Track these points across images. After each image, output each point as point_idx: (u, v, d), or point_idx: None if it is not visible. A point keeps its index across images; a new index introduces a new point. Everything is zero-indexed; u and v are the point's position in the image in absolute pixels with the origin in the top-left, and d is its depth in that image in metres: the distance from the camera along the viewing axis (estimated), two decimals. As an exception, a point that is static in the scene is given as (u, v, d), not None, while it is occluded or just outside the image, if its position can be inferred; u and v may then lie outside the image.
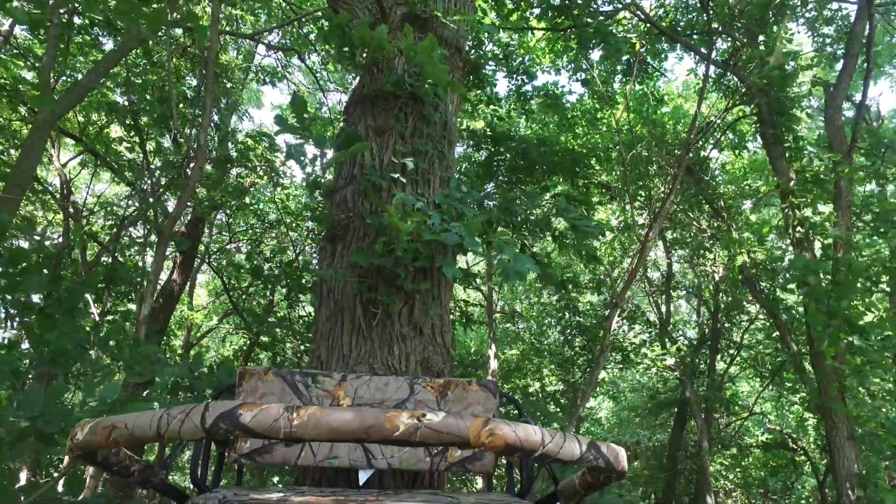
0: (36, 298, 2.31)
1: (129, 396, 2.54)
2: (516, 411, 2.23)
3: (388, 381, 2.05)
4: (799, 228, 5.11)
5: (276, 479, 5.98)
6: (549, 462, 1.22)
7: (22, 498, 2.23)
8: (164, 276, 8.23)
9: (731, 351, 10.19)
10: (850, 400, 5.05)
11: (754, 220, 6.76)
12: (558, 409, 8.52)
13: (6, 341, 2.01)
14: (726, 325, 10.40)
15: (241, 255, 8.57)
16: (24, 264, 2.01)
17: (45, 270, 2.25)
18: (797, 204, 5.07)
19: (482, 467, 2.03)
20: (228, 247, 9.16)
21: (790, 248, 5.44)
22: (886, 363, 4.49)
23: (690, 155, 5.91)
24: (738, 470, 11.81)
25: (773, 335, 9.03)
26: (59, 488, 2.45)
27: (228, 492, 1.70)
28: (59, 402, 1.74)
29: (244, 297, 8.55)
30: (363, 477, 2.06)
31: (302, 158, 2.55)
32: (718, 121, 6.62)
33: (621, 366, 9.27)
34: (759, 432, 12.19)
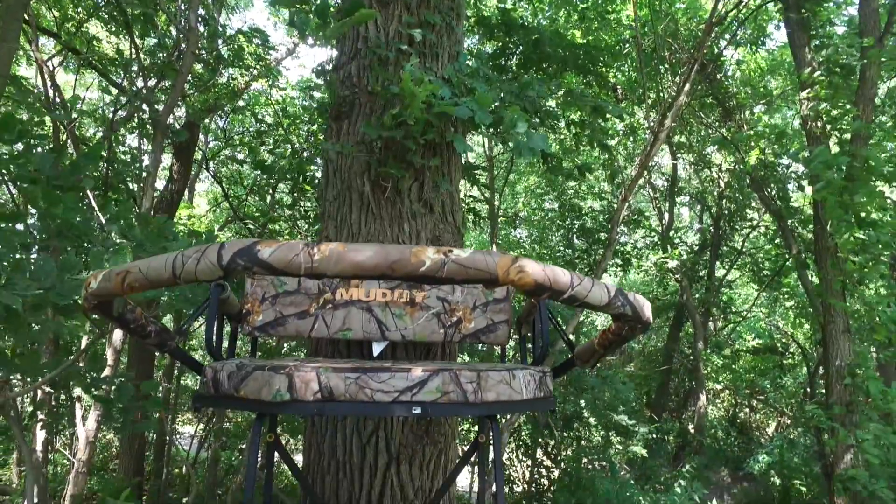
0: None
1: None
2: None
3: (400, 254, 2.02)
4: (817, 123, 4.94)
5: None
6: (577, 306, 1.19)
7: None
8: (160, 185, 8.09)
9: (732, 257, 10.30)
10: (850, 299, 5.13)
11: (766, 120, 6.54)
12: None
13: (10, 211, 1.94)
14: (728, 231, 10.45)
15: (240, 153, 8.37)
16: (22, 134, 1.91)
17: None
18: (818, 96, 4.87)
19: (496, 339, 2.03)
20: (226, 152, 8.95)
21: (805, 146, 5.28)
22: (885, 268, 4.51)
23: (708, 47, 5.59)
24: (727, 373, 12.32)
25: (776, 240, 9.09)
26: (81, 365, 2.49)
27: (245, 359, 1.70)
28: (72, 275, 1.71)
29: (244, 203, 8.46)
30: (377, 349, 2.07)
31: (305, 27, 2.37)
32: (737, 11, 6.22)
33: (622, 270, 9.37)
34: (750, 337, 12.59)
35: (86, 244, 1.94)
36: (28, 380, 2.36)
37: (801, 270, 6.09)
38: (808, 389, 8.48)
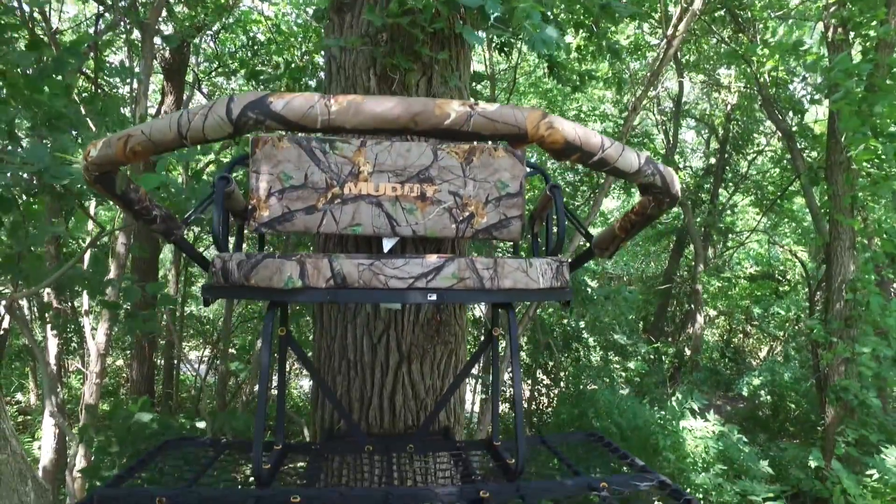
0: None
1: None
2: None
3: (409, 147, 1.93)
4: (840, 30, 4.70)
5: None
6: (606, 171, 1.12)
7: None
8: (152, 110, 7.83)
9: (736, 181, 10.20)
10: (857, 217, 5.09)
11: (781, 34, 6.25)
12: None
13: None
14: (733, 155, 10.30)
15: (234, 70, 8.08)
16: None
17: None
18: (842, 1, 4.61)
19: (509, 235, 1.98)
20: (218, 72, 8.63)
21: (823, 56, 5.06)
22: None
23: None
24: (724, 299, 12.50)
25: (782, 162, 8.95)
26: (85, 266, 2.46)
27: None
28: (65, 158, 1.63)
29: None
30: (387, 245, 2.02)
31: None
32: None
33: (624, 193, 9.29)
34: (749, 264, 12.71)
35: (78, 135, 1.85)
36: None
37: (808, 189, 5.98)
38: (808, 306, 8.61)
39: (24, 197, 2.01)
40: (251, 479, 1.86)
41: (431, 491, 1.57)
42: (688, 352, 10.09)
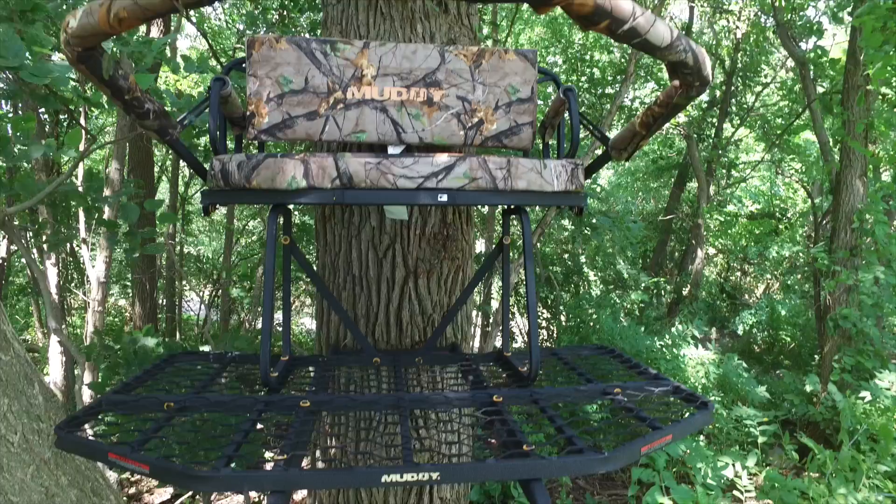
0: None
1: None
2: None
3: (415, 49, 1.82)
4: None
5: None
6: (635, 44, 1.03)
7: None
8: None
9: (741, 114, 9.96)
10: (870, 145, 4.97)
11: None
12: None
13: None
14: (740, 87, 10.01)
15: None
16: None
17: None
18: None
19: (519, 142, 1.89)
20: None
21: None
22: None
23: None
24: (723, 238, 12.47)
25: (791, 94, 8.70)
26: (79, 186, 2.38)
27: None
28: (39, 52, 1.51)
29: (233, 58, 7.94)
30: (393, 153, 1.94)
31: None
32: None
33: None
34: (750, 202, 12.61)
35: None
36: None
37: (818, 116, 5.78)
38: (812, 239, 8.59)
39: (9, 105, 1.91)
40: (259, 389, 1.85)
41: (443, 396, 1.57)
42: (687, 287, 10.15)
